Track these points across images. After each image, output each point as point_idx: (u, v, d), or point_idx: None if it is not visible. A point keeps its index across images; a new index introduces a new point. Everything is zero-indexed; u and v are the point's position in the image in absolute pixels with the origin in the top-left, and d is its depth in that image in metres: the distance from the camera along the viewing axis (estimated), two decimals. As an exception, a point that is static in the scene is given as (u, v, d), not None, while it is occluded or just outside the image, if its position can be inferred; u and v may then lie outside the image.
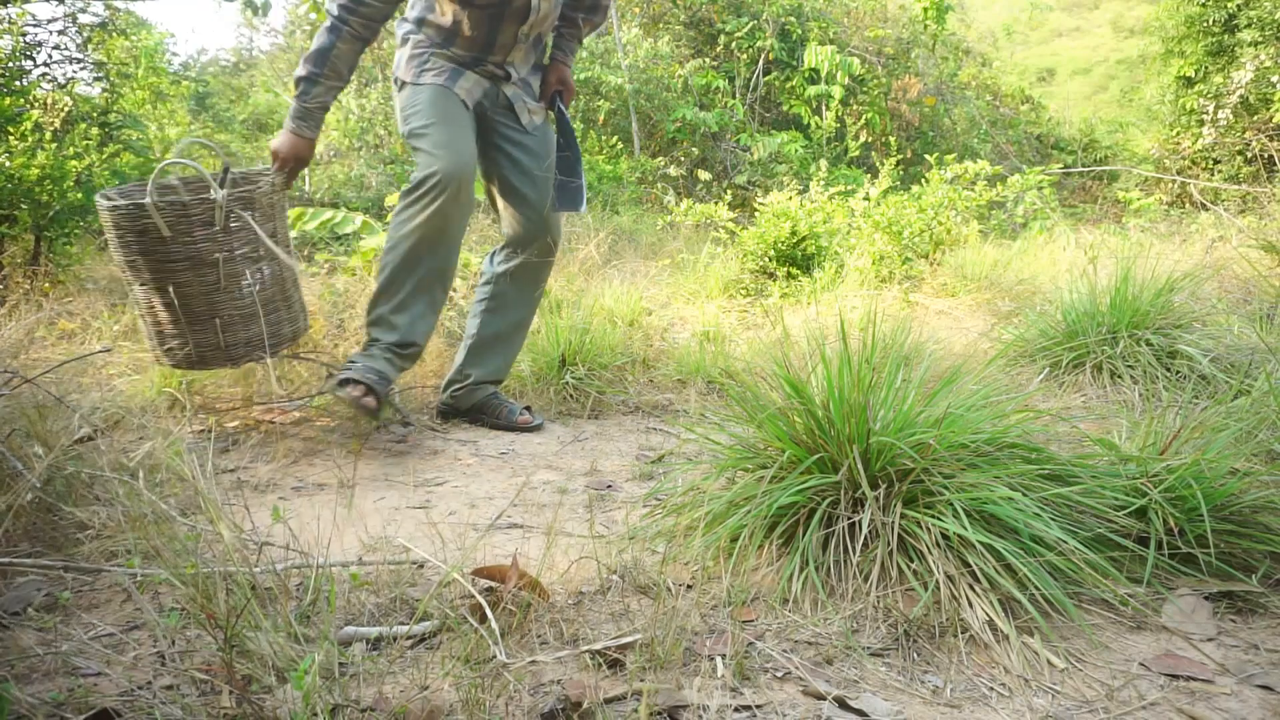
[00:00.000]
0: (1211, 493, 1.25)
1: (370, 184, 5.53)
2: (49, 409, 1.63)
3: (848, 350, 1.37)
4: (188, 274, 1.90)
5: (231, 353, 2.02)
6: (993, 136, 9.37)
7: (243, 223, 1.91)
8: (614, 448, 2.12)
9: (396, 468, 1.97)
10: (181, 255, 1.87)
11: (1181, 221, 5.66)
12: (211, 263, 1.90)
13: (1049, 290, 3.41)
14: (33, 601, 1.18)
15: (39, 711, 0.88)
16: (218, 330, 1.96)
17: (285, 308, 2.11)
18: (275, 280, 2.04)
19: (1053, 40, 21.25)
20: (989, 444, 1.31)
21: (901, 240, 4.37)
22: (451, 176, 1.92)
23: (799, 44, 8.55)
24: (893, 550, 1.20)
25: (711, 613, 1.20)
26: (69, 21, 5.16)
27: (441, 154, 1.93)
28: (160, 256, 1.87)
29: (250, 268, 1.98)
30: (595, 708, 0.93)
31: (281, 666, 0.97)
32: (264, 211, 1.96)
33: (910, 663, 1.07)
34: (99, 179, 3.90)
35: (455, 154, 1.94)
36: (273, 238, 1.97)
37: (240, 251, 1.94)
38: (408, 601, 1.21)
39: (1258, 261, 3.24)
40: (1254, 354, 2.06)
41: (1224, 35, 8.19)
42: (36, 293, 3.26)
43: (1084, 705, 0.98)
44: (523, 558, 1.41)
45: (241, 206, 1.90)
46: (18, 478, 1.36)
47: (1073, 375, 2.25)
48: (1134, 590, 1.20)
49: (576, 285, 3.57)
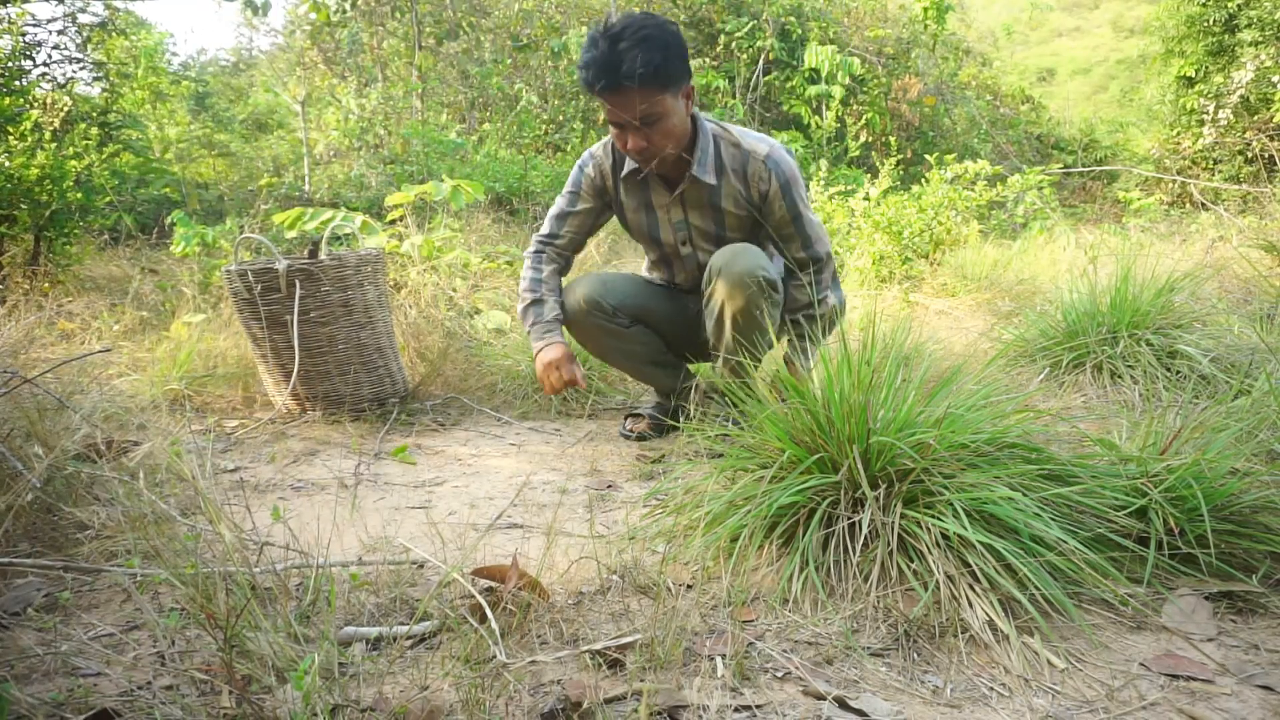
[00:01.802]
0: (1212, 493, 1.25)
1: (370, 184, 5.53)
2: (49, 409, 1.63)
3: (848, 350, 1.37)
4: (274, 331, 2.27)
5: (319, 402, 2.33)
6: (993, 136, 9.37)
7: (308, 291, 2.22)
8: (614, 448, 2.11)
9: (396, 468, 1.97)
10: (267, 315, 2.25)
11: (1182, 221, 5.66)
12: (282, 322, 2.24)
13: (1049, 290, 3.41)
14: (33, 601, 1.18)
15: (39, 711, 0.88)
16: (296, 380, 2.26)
17: (365, 370, 2.36)
18: (353, 345, 2.32)
19: (1053, 40, 21.25)
20: (989, 444, 1.31)
21: (901, 240, 4.37)
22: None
23: (799, 44, 8.55)
24: (893, 550, 1.20)
25: (711, 613, 1.20)
26: (69, 21, 5.17)
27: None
28: (250, 314, 2.28)
29: (319, 330, 2.27)
30: (595, 708, 0.93)
31: (281, 666, 0.97)
32: (334, 283, 2.26)
33: (910, 663, 1.07)
34: (99, 179, 3.90)
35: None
36: (345, 306, 2.29)
37: (313, 315, 2.25)
38: (407, 602, 1.21)
39: (1258, 261, 3.24)
40: (1254, 354, 2.06)
41: (1224, 35, 8.19)
42: (36, 293, 3.26)
43: (1084, 705, 0.98)
44: (523, 557, 1.41)
45: (303, 278, 2.22)
46: (18, 478, 1.36)
47: (1073, 375, 2.25)
48: (1134, 590, 1.20)
49: (576, 285, 3.56)
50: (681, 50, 1.80)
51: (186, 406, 2.37)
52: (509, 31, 8.50)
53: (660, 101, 1.78)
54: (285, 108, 8.64)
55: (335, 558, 1.36)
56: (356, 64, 8.07)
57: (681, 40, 1.80)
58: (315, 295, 2.24)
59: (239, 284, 2.24)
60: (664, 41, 1.74)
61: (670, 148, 1.87)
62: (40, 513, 1.40)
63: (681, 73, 1.80)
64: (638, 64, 1.70)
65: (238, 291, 2.26)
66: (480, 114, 8.11)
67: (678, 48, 1.78)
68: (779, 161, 1.93)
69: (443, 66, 8.27)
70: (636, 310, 2.11)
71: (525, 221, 5.19)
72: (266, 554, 1.29)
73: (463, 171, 5.52)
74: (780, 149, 1.95)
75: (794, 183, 1.94)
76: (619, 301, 2.08)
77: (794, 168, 1.95)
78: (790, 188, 1.93)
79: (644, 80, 1.72)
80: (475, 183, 3.45)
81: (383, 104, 6.83)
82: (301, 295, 2.21)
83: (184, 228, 3.44)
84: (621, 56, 1.71)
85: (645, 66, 1.71)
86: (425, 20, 8.27)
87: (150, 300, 3.37)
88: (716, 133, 1.97)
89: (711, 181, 1.94)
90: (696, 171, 1.93)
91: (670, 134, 1.84)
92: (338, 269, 2.26)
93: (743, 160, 1.94)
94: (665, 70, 1.75)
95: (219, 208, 5.54)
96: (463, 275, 3.40)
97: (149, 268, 3.95)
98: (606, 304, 2.05)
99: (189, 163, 7.01)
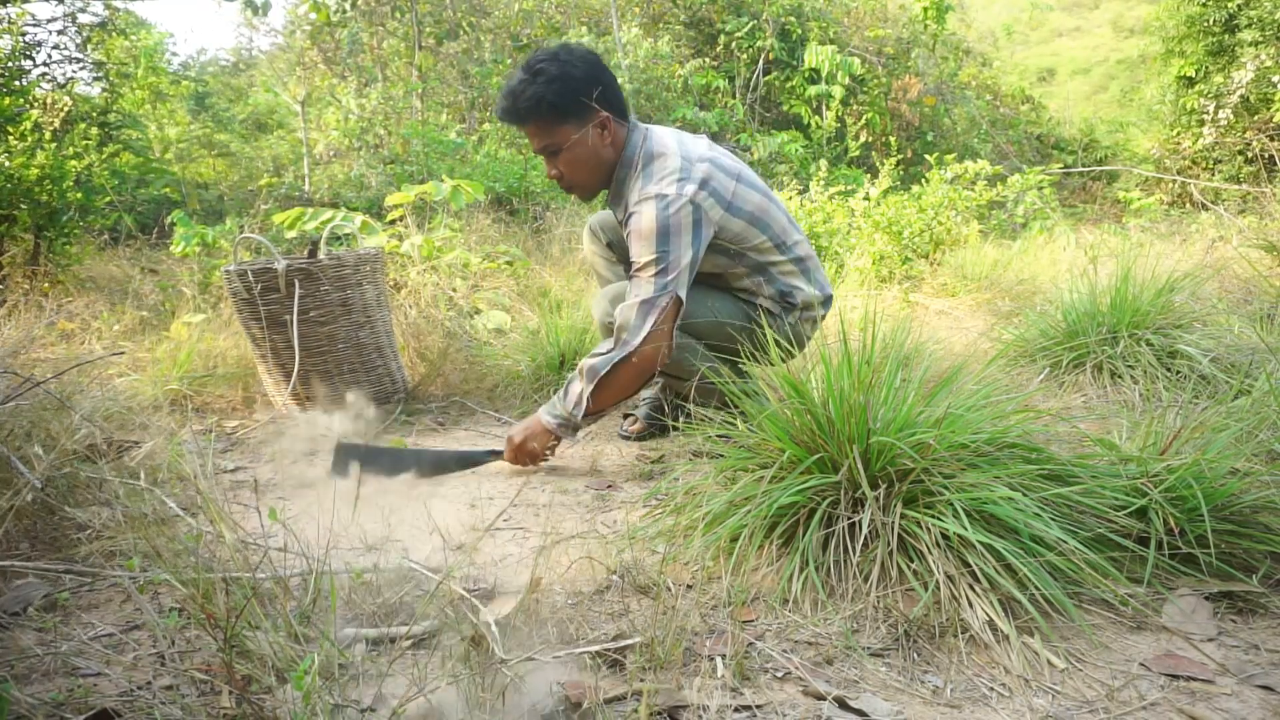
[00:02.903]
0: (1212, 493, 1.25)
1: (370, 184, 5.52)
2: (49, 409, 1.63)
3: (848, 350, 1.37)
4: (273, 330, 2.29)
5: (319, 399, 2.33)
6: (993, 136, 9.37)
7: (307, 291, 2.23)
8: (613, 448, 2.11)
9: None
10: (266, 315, 2.26)
11: (1182, 221, 5.65)
12: (281, 322, 2.24)
13: (1049, 290, 3.41)
14: (33, 602, 1.18)
15: (39, 711, 0.88)
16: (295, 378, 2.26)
17: (364, 370, 2.38)
18: (352, 344, 2.33)
19: (1053, 40, 21.23)
20: (989, 444, 1.31)
21: (901, 240, 4.37)
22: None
23: (799, 44, 8.55)
24: (893, 550, 1.20)
25: (711, 613, 1.20)
26: (69, 21, 5.17)
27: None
28: (250, 314, 2.29)
29: (318, 329, 2.28)
30: (595, 708, 0.93)
31: (281, 666, 0.97)
32: (334, 283, 2.27)
33: (910, 663, 1.07)
34: (99, 179, 3.90)
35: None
36: (344, 305, 2.29)
37: (312, 314, 2.26)
38: (407, 602, 1.21)
39: (1258, 261, 3.24)
40: (1254, 354, 2.06)
41: (1224, 35, 8.18)
42: (36, 293, 3.26)
43: (1084, 705, 0.98)
44: (523, 558, 1.41)
45: (302, 278, 2.22)
46: (18, 478, 1.36)
47: (1073, 375, 2.25)
48: (1134, 590, 1.20)
49: (576, 285, 3.57)
50: (587, 84, 1.79)
51: (187, 406, 2.37)
52: (509, 31, 8.50)
53: (558, 134, 1.82)
54: (285, 108, 8.64)
55: (335, 558, 1.36)
56: (356, 64, 8.06)
57: (593, 73, 1.80)
58: (314, 295, 2.24)
59: (238, 284, 2.25)
60: (563, 75, 1.77)
61: (584, 178, 1.88)
62: (41, 513, 1.40)
63: (583, 107, 1.80)
64: (528, 99, 1.78)
65: (237, 291, 2.26)
66: (480, 114, 8.10)
67: (584, 81, 1.79)
68: (633, 214, 1.81)
69: (443, 66, 8.26)
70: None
71: (525, 221, 5.19)
72: (266, 554, 1.29)
73: (463, 171, 5.52)
74: (647, 200, 1.79)
75: (637, 237, 1.79)
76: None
77: (645, 223, 1.77)
78: (631, 241, 1.81)
79: (533, 114, 1.80)
80: (475, 183, 3.45)
81: (383, 104, 6.82)
82: (301, 295, 2.21)
83: (184, 228, 3.44)
84: (520, 91, 1.79)
85: (532, 101, 1.78)
86: (425, 20, 8.26)
87: (150, 300, 3.36)
88: (642, 162, 1.86)
89: (620, 216, 1.93)
90: (611, 204, 1.95)
91: (579, 165, 1.86)
92: (337, 269, 2.26)
93: (628, 201, 1.87)
94: (559, 105, 1.78)
95: (219, 208, 5.54)
96: (463, 275, 3.40)
97: (149, 268, 3.94)
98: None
99: (189, 163, 7.01)
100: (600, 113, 1.83)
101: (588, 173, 1.87)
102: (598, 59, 1.84)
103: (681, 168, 1.82)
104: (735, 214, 1.88)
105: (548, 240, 4.53)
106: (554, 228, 4.69)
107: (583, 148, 1.83)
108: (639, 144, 1.88)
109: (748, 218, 1.90)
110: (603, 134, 1.85)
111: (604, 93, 1.82)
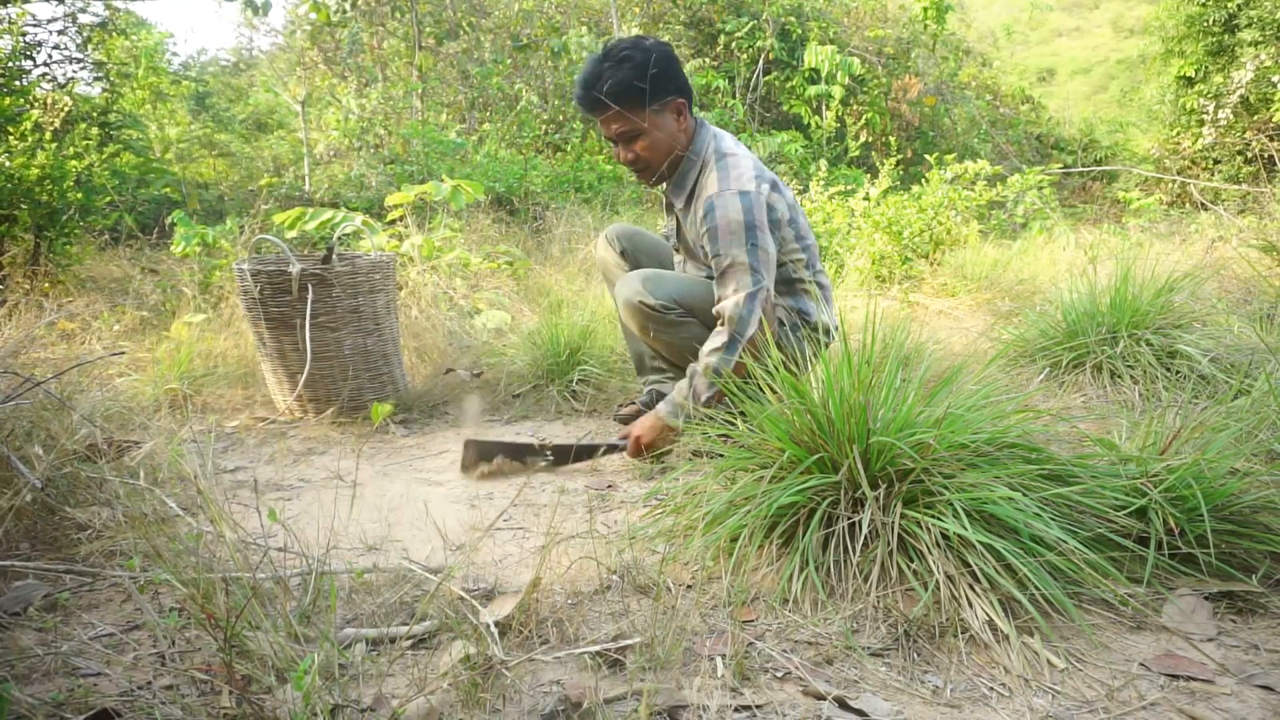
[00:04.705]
0: (1211, 493, 1.25)
1: (370, 184, 5.52)
2: (49, 409, 1.63)
3: (848, 350, 1.37)
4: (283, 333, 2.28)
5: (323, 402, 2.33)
6: (993, 136, 9.37)
7: (319, 295, 2.21)
8: (614, 448, 2.11)
9: (397, 468, 1.97)
10: (275, 316, 2.26)
11: (1181, 221, 5.66)
12: (289, 324, 2.23)
13: (1049, 290, 3.41)
14: (33, 602, 1.18)
15: (39, 711, 0.88)
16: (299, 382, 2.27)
17: (369, 377, 2.37)
18: (359, 351, 2.33)
19: (1053, 40, 21.24)
20: (989, 444, 1.31)
21: (901, 240, 4.37)
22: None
23: (799, 44, 8.55)
24: (893, 550, 1.20)
25: (711, 613, 1.20)
26: (69, 21, 5.17)
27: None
28: (257, 314, 2.28)
29: (326, 334, 2.27)
30: (595, 708, 0.93)
31: (281, 666, 0.97)
32: (346, 289, 2.26)
33: (910, 663, 1.07)
34: (99, 179, 3.90)
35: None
36: (355, 312, 2.29)
37: (321, 319, 2.25)
38: (407, 602, 1.21)
39: (1258, 261, 3.24)
40: (1254, 354, 2.06)
41: (1224, 35, 8.18)
42: (36, 293, 3.26)
43: (1084, 705, 0.98)
44: (523, 558, 1.42)
45: (314, 282, 2.21)
46: (19, 478, 1.36)
47: (1073, 375, 2.25)
48: (1134, 590, 1.20)
49: (576, 285, 3.57)
50: (664, 68, 1.87)
51: (187, 406, 2.37)
52: (509, 31, 8.50)
53: (639, 117, 1.88)
54: (285, 108, 8.64)
55: (335, 558, 1.36)
56: (356, 64, 8.05)
57: (668, 59, 1.88)
58: (326, 300, 2.23)
59: (249, 281, 2.23)
60: (642, 62, 1.85)
61: (660, 160, 1.95)
62: (41, 513, 1.40)
63: (662, 92, 1.88)
64: (610, 84, 1.84)
65: (247, 289, 2.25)
66: (480, 114, 8.10)
67: (660, 65, 1.86)
68: (717, 206, 1.85)
69: (443, 66, 8.26)
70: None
71: (525, 221, 5.19)
72: (267, 554, 1.29)
73: (463, 171, 5.52)
74: (730, 194, 1.85)
75: (725, 231, 1.83)
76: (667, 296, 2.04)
77: (734, 215, 1.83)
78: (718, 235, 1.84)
79: (615, 99, 1.86)
80: (475, 183, 3.44)
81: (383, 104, 6.82)
82: (312, 300, 2.21)
83: (184, 228, 3.44)
84: (600, 76, 1.86)
85: (616, 85, 1.85)
86: (425, 20, 8.26)
87: (150, 300, 3.36)
88: (714, 158, 1.93)
89: (680, 205, 2.00)
90: (671, 192, 2.01)
91: (657, 148, 1.93)
92: (350, 275, 2.26)
93: (701, 193, 1.93)
94: (642, 90, 1.85)
95: (219, 208, 5.53)
96: (463, 275, 3.40)
97: (149, 268, 3.94)
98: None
99: (189, 163, 7.01)
100: (678, 99, 1.92)
101: (663, 155, 1.95)
102: (671, 49, 1.93)
103: (755, 169, 1.93)
104: (790, 224, 1.99)
105: (548, 240, 4.53)
106: (554, 228, 4.69)
107: (662, 131, 1.91)
108: (708, 140, 1.97)
109: (798, 229, 2.01)
110: (679, 119, 1.94)
111: (680, 81, 1.92)
